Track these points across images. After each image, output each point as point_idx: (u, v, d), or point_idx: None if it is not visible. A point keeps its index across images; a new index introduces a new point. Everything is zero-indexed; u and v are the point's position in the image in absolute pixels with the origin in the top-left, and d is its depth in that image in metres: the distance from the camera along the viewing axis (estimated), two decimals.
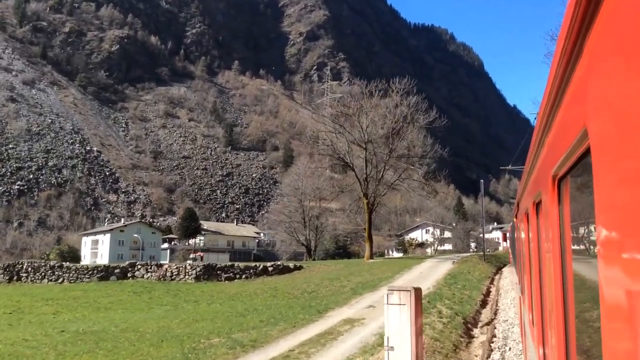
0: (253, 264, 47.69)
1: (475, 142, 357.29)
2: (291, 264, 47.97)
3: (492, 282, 37.82)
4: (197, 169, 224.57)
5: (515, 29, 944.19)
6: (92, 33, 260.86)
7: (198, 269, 44.36)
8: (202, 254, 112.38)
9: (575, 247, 2.64)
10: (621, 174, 1.41)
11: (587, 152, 1.90)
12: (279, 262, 49.51)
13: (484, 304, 27.29)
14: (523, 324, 9.89)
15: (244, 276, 44.05)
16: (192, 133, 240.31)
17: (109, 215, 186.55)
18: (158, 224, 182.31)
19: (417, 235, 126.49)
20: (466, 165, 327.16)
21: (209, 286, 40.61)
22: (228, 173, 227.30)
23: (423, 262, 48.96)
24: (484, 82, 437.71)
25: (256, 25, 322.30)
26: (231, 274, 44.07)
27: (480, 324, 21.37)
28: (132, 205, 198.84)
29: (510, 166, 45.19)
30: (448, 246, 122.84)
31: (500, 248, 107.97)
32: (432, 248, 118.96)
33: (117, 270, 46.44)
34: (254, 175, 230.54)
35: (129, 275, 45.88)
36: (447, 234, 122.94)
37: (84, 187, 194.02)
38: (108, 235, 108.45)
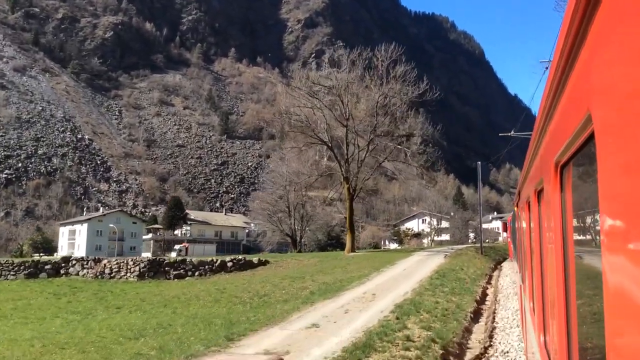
0: (209, 259, 40.57)
1: (476, 130, 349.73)
2: (255, 259, 40.91)
3: (489, 282, 30.90)
4: (192, 157, 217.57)
5: (516, 18, 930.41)
6: (86, 19, 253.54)
7: (142, 265, 37.29)
8: (187, 244, 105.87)
9: (578, 235, 2.59)
10: (626, 160, 1.36)
11: (591, 137, 1.83)
12: (240, 257, 42.24)
13: (476, 315, 20.36)
14: (524, 311, 9.23)
15: (197, 273, 37.07)
16: (186, 121, 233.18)
17: (99, 205, 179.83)
18: (150, 213, 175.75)
19: (414, 225, 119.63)
20: (466, 154, 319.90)
21: (150, 286, 33.73)
22: (223, 162, 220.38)
23: (411, 256, 42.09)
24: (485, 71, 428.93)
25: (253, 11, 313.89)
26: (182, 270, 37.10)
27: (467, 356, 14.43)
28: (123, 195, 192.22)
29: (512, 133, 37.97)
30: (445, 236, 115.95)
31: (500, 239, 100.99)
32: (429, 239, 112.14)
33: (48, 267, 39.49)
34: (249, 164, 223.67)
35: (62, 272, 39.02)
36: (445, 224, 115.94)
37: (74, 176, 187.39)
38: (85, 225, 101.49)
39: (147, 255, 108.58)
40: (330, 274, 30.87)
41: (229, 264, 38.09)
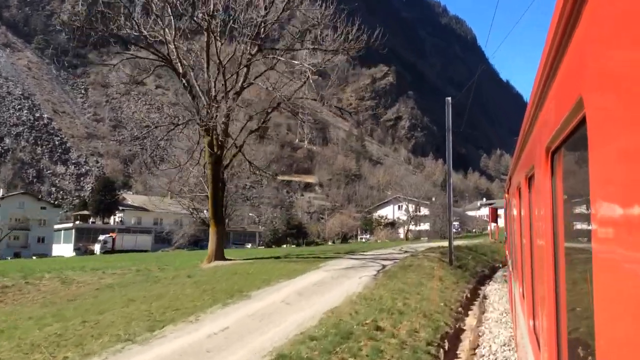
0: None
1: (467, 116, 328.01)
2: None
3: None
4: (162, 139, 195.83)
5: (509, 3, 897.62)
6: None
7: None
8: (114, 235, 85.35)
9: (568, 221, 2.53)
10: (618, 146, 1.33)
11: (583, 122, 1.78)
12: None
13: None
14: (513, 296, 8.98)
15: None
16: (158, 101, 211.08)
17: (53, 189, 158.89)
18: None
19: (388, 212, 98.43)
20: (457, 140, 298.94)
21: None
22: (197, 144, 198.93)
23: (316, 270, 21.61)
24: (477, 56, 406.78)
25: None
26: None
27: None
28: (82, 178, 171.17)
29: None
30: (425, 225, 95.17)
31: (489, 228, 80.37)
32: (405, 228, 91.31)
33: None
34: None
35: None
36: (425, 211, 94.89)
37: (27, 158, 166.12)
38: None
39: (67, 247, 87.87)
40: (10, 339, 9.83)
41: None
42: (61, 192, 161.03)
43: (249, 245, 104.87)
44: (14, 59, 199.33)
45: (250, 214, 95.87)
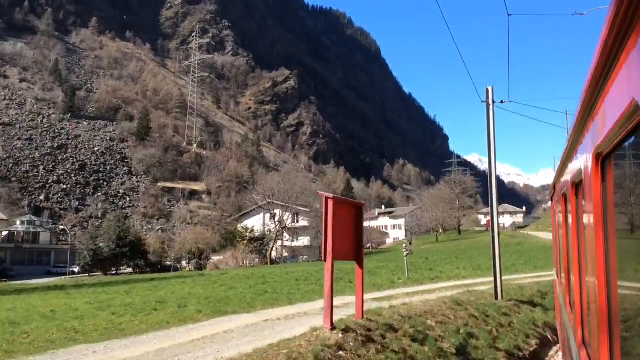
0: None
1: (371, 126, 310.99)
2: None
3: None
4: (19, 139, 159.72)
5: (413, 18, 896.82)
6: None
7: None
8: None
9: (619, 228, 2.39)
10: None
11: (637, 128, 1.67)
12: None
13: None
14: (560, 305, 8.58)
15: None
16: (21, 96, 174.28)
17: None
18: None
19: (256, 222, 71.72)
20: (360, 149, 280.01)
21: None
22: (61, 145, 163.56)
23: None
24: (381, 68, 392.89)
25: None
26: None
27: None
28: None
29: None
30: (305, 239, 69.73)
31: (389, 241, 56.23)
32: (276, 245, 65.24)
33: None
34: (96, 148, 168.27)
35: None
36: (303, 222, 69.43)
37: None
38: None
39: None
40: None
41: None
42: None
43: (77, 269, 74.57)
44: None
45: (64, 227, 66.16)
